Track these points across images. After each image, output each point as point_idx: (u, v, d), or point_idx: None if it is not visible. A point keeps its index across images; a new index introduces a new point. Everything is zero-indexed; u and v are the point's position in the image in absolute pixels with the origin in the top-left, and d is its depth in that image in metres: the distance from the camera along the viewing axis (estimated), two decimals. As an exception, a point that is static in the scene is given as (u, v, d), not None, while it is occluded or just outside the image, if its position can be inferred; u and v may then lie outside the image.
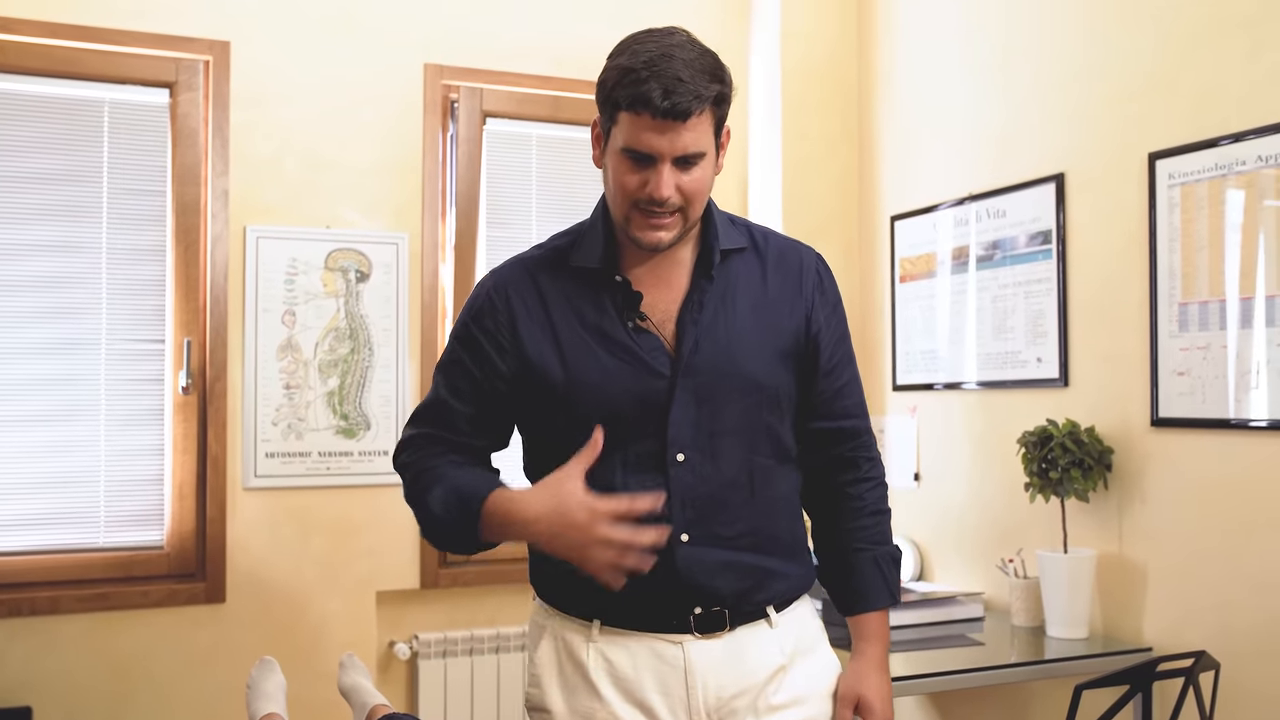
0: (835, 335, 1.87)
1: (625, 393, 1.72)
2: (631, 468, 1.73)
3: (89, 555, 3.31)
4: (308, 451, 3.49)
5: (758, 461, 1.78)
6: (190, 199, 3.43)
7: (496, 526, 1.70)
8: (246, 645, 3.39)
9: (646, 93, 1.60)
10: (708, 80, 1.64)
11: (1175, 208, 2.87)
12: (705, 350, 1.74)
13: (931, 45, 3.71)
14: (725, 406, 1.75)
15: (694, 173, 1.67)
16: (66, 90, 3.34)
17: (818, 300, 1.84)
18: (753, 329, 1.78)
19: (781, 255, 1.85)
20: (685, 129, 1.63)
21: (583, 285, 1.77)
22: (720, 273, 1.79)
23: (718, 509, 1.75)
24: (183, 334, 3.41)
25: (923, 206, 3.71)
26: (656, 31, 1.70)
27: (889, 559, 1.89)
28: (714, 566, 1.74)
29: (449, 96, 3.74)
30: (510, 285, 1.80)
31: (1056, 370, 3.19)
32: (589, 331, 1.74)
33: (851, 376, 1.90)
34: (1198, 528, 2.80)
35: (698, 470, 1.74)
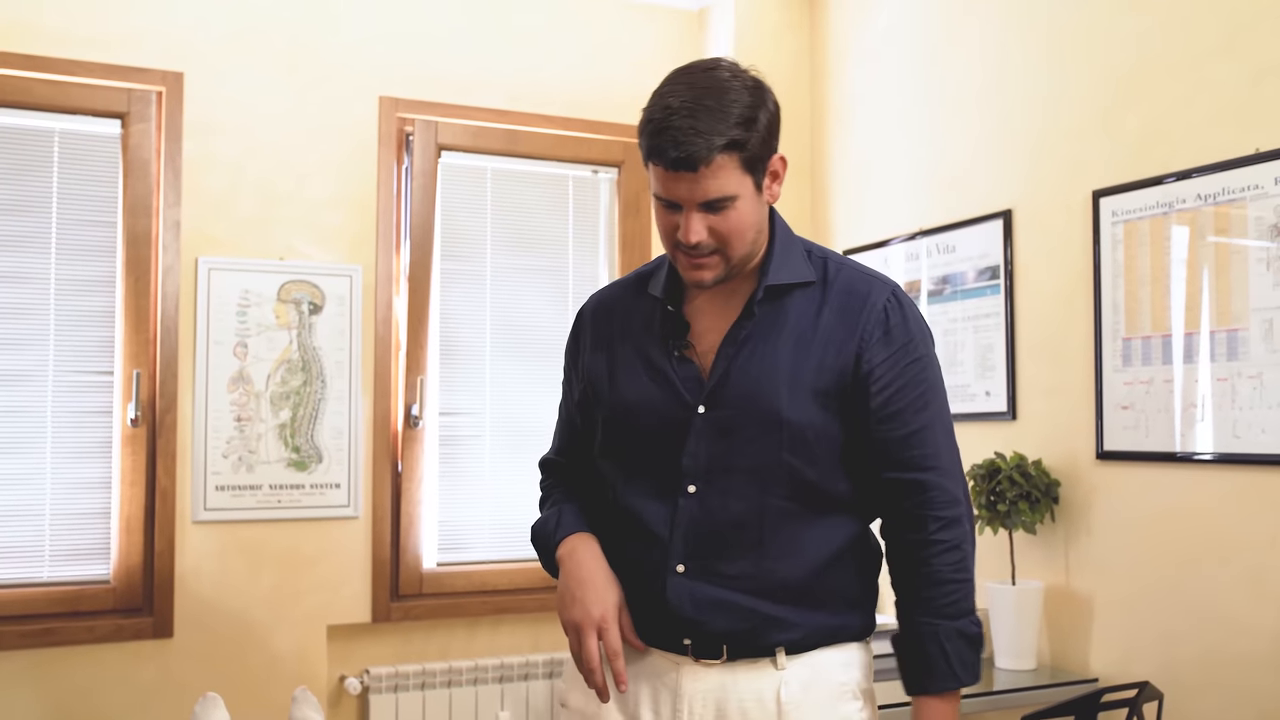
0: (898, 378, 1.71)
1: (655, 416, 1.74)
2: (646, 492, 1.75)
3: (32, 590, 3.26)
4: (259, 484, 3.47)
5: (772, 503, 1.69)
6: (141, 230, 3.41)
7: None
8: (194, 681, 3.35)
9: (659, 145, 1.61)
10: (724, 126, 1.60)
11: (1119, 244, 2.92)
12: (734, 383, 1.70)
13: (883, 83, 3.77)
14: (745, 442, 1.69)
15: (727, 215, 1.65)
16: (16, 120, 3.32)
17: (876, 338, 1.70)
18: (790, 365, 1.70)
19: (848, 291, 1.74)
20: (702, 177, 1.61)
21: (648, 312, 1.81)
22: (771, 307, 1.73)
23: (720, 546, 1.70)
24: (132, 366, 3.38)
25: (875, 241, 3.75)
26: (694, 68, 1.69)
27: (958, 635, 1.68)
28: (705, 602, 1.69)
29: (404, 129, 3.75)
30: (590, 311, 1.92)
31: (1005, 404, 3.23)
32: (639, 357, 1.79)
33: (924, 425, 1.71)
34: (1143, 560, 2.84)
35: (706, 504, 1.70)
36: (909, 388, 1.71)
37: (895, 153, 3.70)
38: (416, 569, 3.67)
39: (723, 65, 1.69)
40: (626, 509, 1.77)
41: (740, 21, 4.01)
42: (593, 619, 1.70)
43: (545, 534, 1.85)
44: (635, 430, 1.76)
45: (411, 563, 3.66)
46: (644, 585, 1.73)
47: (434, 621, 3.69)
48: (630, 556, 1.76)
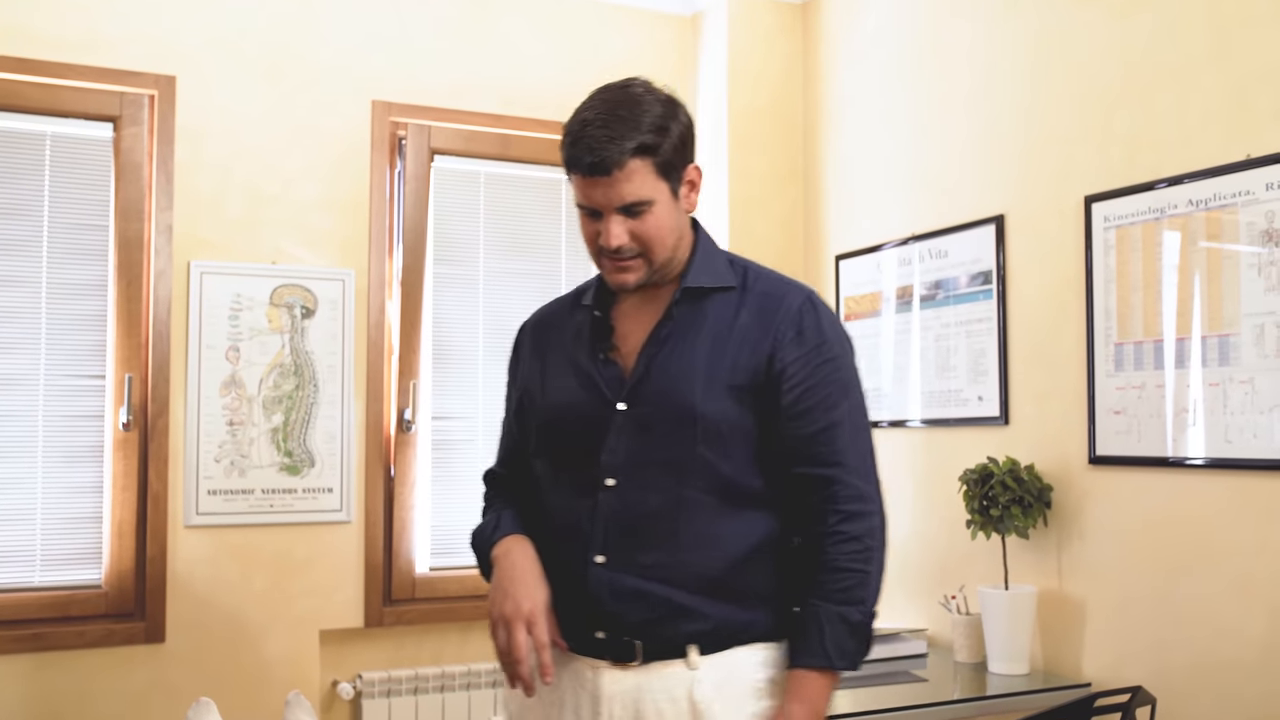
0: (809, 377, 1.78)
1: (579, 416, 1.83)
2: (575, 490, 1.83)
3: (24, 595, 3.25)
4: (251, 489, 3.46)
5: (688, 495, 1.75)
6: (133, 234, 3.41)
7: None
8: (186, 686, 3.34)
9: (575, 154, 1.73)
10: (635, 132, 1.71)
11: (1111, 250, 2.93)
12: (653, 380, 1.79)
13: (876, 88, 3.78)
14: (662, 437, 1.77)
15: (645, 219, 1.75)
16: (7, 123, 3.31)
17: (789, 338, 1.78)
18: (706, 363, 1.78)
19: (765, 295, 1.83)
20: (617, 181, 1.71)
21: (580, 322, 1.91)
22: (690, 309, 1.82)
23: (638, 536, 1.76)
24: (124, 370, 3.37)
25: (867, 246, 3.76)
26: (612, 87, 1.80)
27: (839, 619, 1.73)
28: (622, 591, 1.75)
29: (397, 133, 3.75)
30: (530, 327, 2.04)
31: (997, 409, 3.24)
32: (568, 362, 1.89)
33: (833, 423, 1.77)
34: (1135, 564, 2.85)
35: (625, 496, 1.77)
36: (819, 387, 1.78)
37: (887, 157, 3.71)
38: (409, 573, 3.66)
39: (636, 82, 1.80)
40: (552, 506, 1.87)
41: (733, 26, 4.02)
42: (522, 613, 1.76)
43: (483, 538, 1.93)
44: (562, 430, 1.87)
45: (404, 567, 3.66)
46: (567, 579, 1.80)
47: (427, 626, 3.68)
48: (555, 552, 1.84)
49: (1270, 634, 2.56)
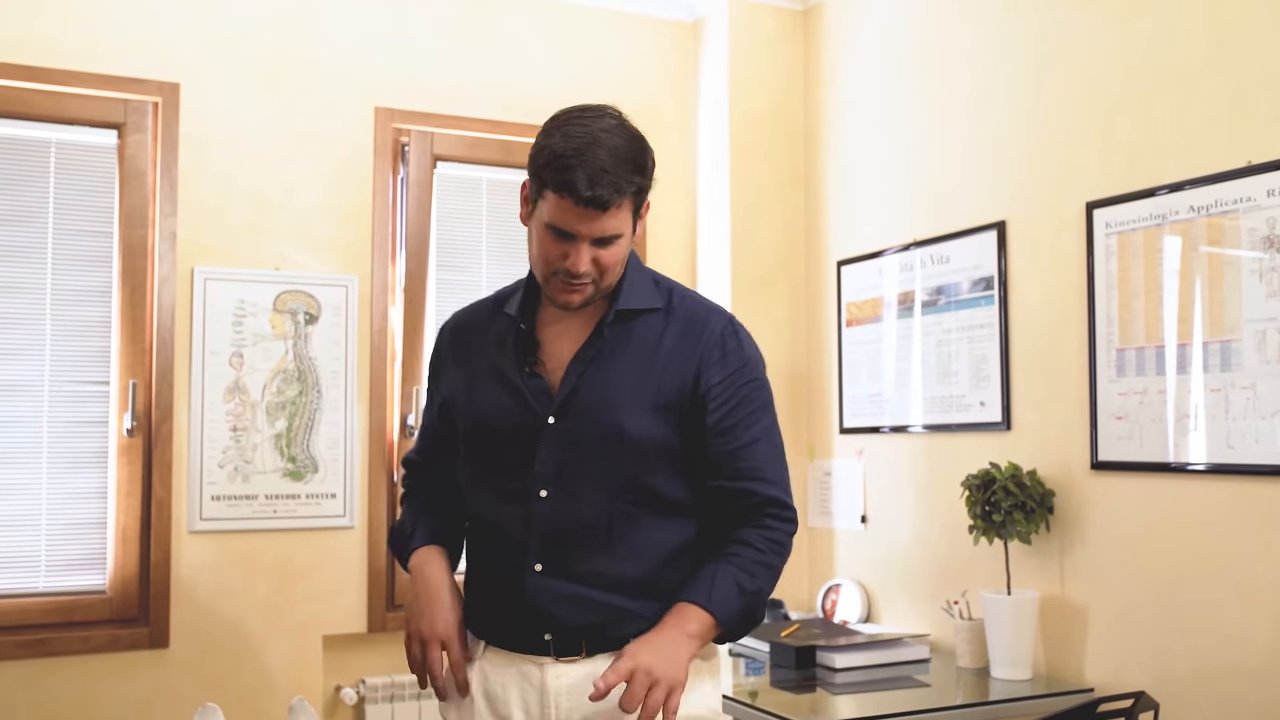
0: (733, 397, 1.88)
1: (508, 427, 1.89)
2: (503, 498, 1.90)
3: (28, 600, 3.26)
4: (254, 494, 3.47)
5: (618, 507, 1.85)
6: (137, 240, 3.42)
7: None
8: (190, 691, 3.35)
9: (572, 181, 1.74)
10: (630, 172, 1.76)
11: (1112, 255, 2.94)
12: (582, 398, 1.86)
13: (877, 94, 3.79)
14: (591, 451, 1.85)
15: (611, 249, 1.81)
16: (12, 130, 3.32)
17: (713, 359, 1.88)
18: (632, 382, 1.86)
19: (689, 318, 1.92)
20: (606, 216, 1.76)
21: (503, 331, 1.96)
22: (619, 330, 1.89)
23: (573, 546, 1.85)
24: (128, 376, 3.38)
25: (868, 252, 3.77)
26: (588, 112, 1.81)
27: (734, 581, 1.83)
28: (562, 598, 1.84)
29: (400, 140, 3.76)
30: (450, 330, 2.08)
31: (999, 414, 3.25)
32: (494, 371, 1.94)
33: (752, 440, 1.90)
34: (1138, 569, 2.86)
35: (557, 507, 1.86)
36: (742, 406, 1.89)
37: (889, 163, 3.72)
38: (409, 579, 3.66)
39: (609, 112, 1.83)
40: (486, 515, 1.94)
41: (734, 32, 4.03)
42: (437, 634, 1.89)
43: (401, 539, 2.06)
44: (490, 440, 1.93)
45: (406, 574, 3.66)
46: (507, 586, 1.89)
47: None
48: (492, 560, 1.93)
49: (1273, 639, 2.57)
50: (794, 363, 4.05)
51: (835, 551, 3.88)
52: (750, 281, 4.00)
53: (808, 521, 3.99)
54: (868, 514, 3.73)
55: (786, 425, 3.97)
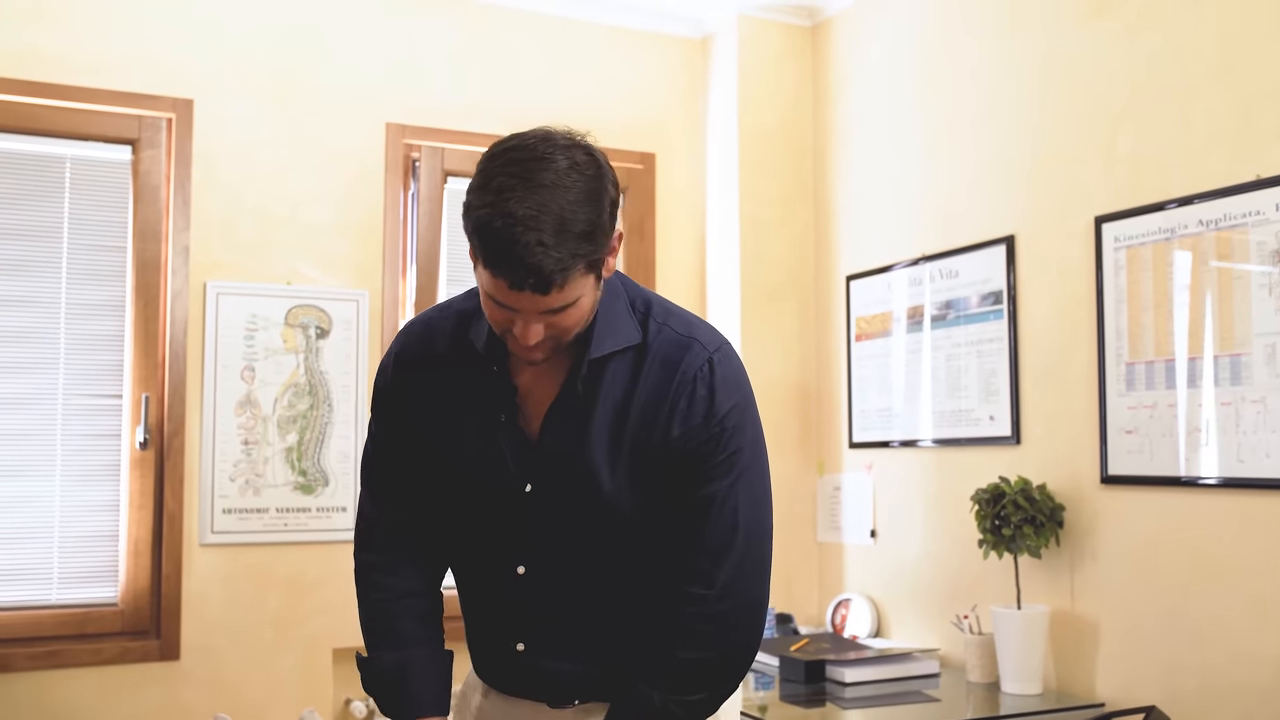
0: (695, 451, 1.65)
1: (482, 491, 1.72)
2: (477, 568, 1.78)
3: (40, 612, 3.27)
4: (265, 507, 3.48)
5: (600, 578, 1.70)
6: (151, 255, 3.44)
7: None
8: (201, 704, 3.35)
9: (502, 262, 1.46)
10: (579, 241, 1.47)
11: (1121, 269, 2.94)
12: (559, 461, 1.67)
13: (886, 109, 3.80)
14: (571, 521, 1.68)
15: (569, 315, 1.55)
16: (28, 146, 3.35)
17: (680, 408, 1.64)
18: (607, 440, 1.65)
19: (665, 358, 1.66)
20: (551, 294, 1.49)
21: (471, 364, 1.71)
22: (593, 377, 1.66)
23: (555, 625, 1.73)
24: (141, 389, 3.40)
25: (878, 267, 3.78)
26: (531, 152, 1.49)
27: (642, 706, 1.64)
28: (547, 674, 1.74)
29: (410, 155, 3.78)
30: (407, 364, 1.78)
31: (1009, 428, 3.25)
32: (464, 421, 1.72)
33: (707, 499, 1.65)
34: (1148, 584, 2.85)
35: (536, 586, 1.71)
36: (703, 460, 1.66)
37: (898, 179, 3.73)
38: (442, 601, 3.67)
39: (558, 150, 1.50)
40: (466, 584, 1.82)
41: (743, 49, 4.05)
42: None
43: (390, 694, 1.77)
44: (462, 502, 1.75)
45: (417, 586, 3.66)
46: (493, 650, 1.80)
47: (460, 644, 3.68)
48: (476, 621, 1.82)
49: (1283, 653, 2.56)
50: (803, 378, 4.05)
51: (845, 566, 3.88)
52: (759, 297, 4.01)
53: (817, 536, 3.99)
54: (877, 528, 3.73)
55: (796, 440, 4.01)
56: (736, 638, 1.67)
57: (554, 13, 3.98)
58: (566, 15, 4.00)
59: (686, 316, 1.73)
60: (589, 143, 1.56)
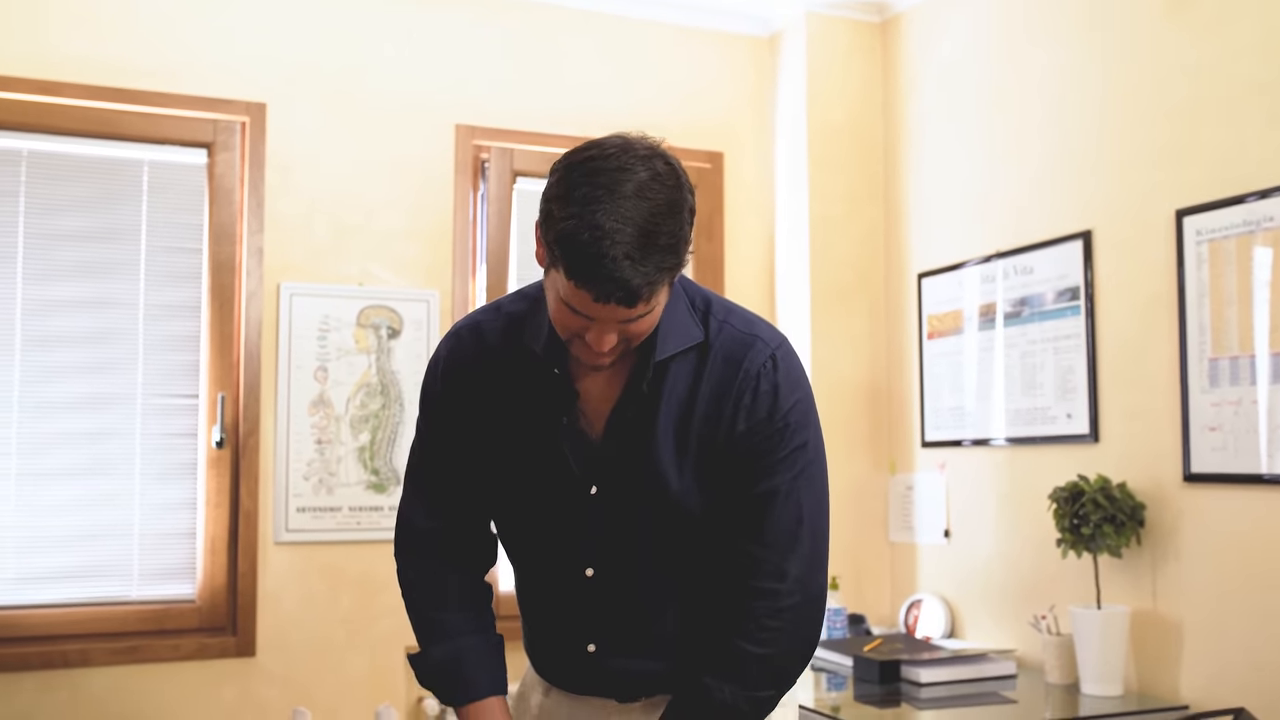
0: (755, 447, 1.64)
1: (546, 496, 1.71)
2: (545, 572, 1.77)
3: (121, 608, 3.33)
4: (338, 506, 3.51)
5: (669, 578, 1.70)
6: (226, 257, 3.49)
7: None
8: (276, 700, 3.39)
9: (592, 276, 1.44)
10: (665, 254, 1.46)
11: (1204, 263, 2.88)
12: (625, 463, 1.66)
13: (957, 104, 3.76)
14: (638, 522, 1.67)
15: (644, 322, 1.54)
16: (107, 151, 3.41)
17: (743, 404, 1.64)
18: (674, 442, 1.65)
19: (728, 355, 1.66)
20: (636, 307, 1.49)
21: (527, 367, 1.70)
22: (657, 378, 1.65)
23: (625, 625, 1.72)
24: (217, 389, 3.45)
25: (949, 264, 3.74)
26: (613, 160, 1.47)
27: (710, 700, 1.64)
28: (618, 673, 1.74)
29: (480, 156, 3.81)
30: (458, 368, 1.76)
31: (1086, 426, 3.20)
32: (523, 425, 1.70)
33: (768, 493, 1.64)
34: (1233, 583, 2.79)
35: (605, 588, 1.71)
36: (764, 456, 1.65)
37: (969, 174, 3.69)
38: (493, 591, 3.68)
39: (639, 160, 1.48)
40: (530, 583, 1.81)
41: (811, 46, 4.02)
42: None
43: (448, 684, 1.79)
44: (526, 508, 1.74)
45: (488, 585, 3.68)
46: (561, 653, 1.79)
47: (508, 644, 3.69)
48: (543, 624, 1.82)
49: (1377, 655, 2.49)
50: (874, 377, 4.02)
51: (917, 566, 3.83)
52: (830, 296, 3.98)
53: (889, 536, 3.95)
54: (950, 528, 3.69)
55: (867, 440, 3.98)
56: (805, 631, 1.68)
57: (621, 13, 3.98)
58: (634, 15, 4.00)
59: (746, 314, 1.73)
60: (665, 150, 1.54)
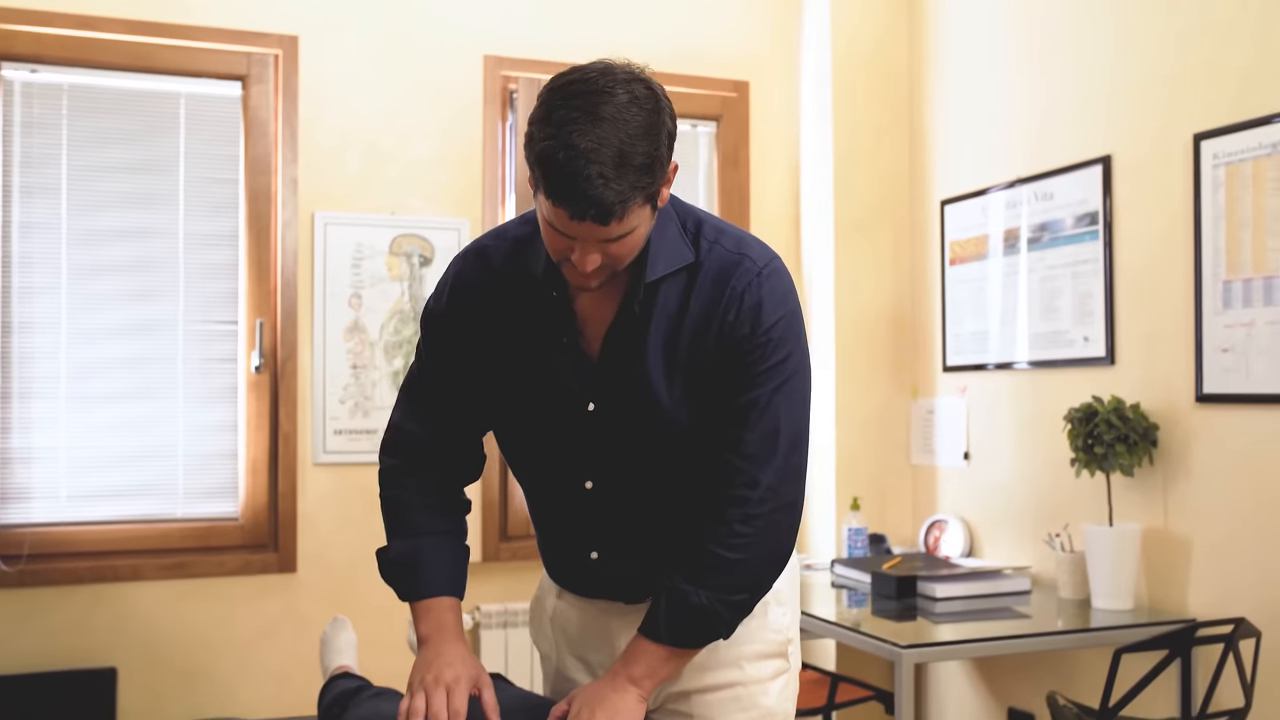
0: (740, 360, 1.69)
1: (547, 413, 1.76)
2: (548, 485, 1.84)
3: (168, 525, 3.48)
4: (374, 429, 3.63)
5: (664, 490, 1.76)
6: (261, 187, 3.58)
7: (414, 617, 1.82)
8: (317, 614, 3.54)
9: (564, 193, 1.50)
10: (638, 174, 1.52)
11: (1220, 187, 2.91)
12: (619, 380, 1.72)
13: (978, 31, 3.77)
14: (634, 436, 1.73)
15: (626, 243, 1.59)
16: (145, 84, 3.50)
17: (729, 319, 1.68)
18: (663, 356, 1.70)
19: (717, 274, 1.70)
20: (611, 225, 1.54)
21: (530, 290, 1.75)
22: (648, 298, 1.70)
23: (628, 532, 1.80)
24: (255, 316, 3.56)
25: (972, 190, 3.77)
26: (592, 85, 1.52)
27: (677, 600, 1.69)
28: (622, 576, 1.82)
29: (508, 87, 3.86)
30: (465, 291, 1.80)
31: (1103, 349, 3.25)
32: (525, 345, 1.76)
33: (748, 404, 1.69)
34: (1242, 501, 2.85)
35: (604, 498, 1.78)
36: (749, 367, 1.69)
37: (992, 101, 3.71)
38: (524, 510, 3.80)
39: (618, 84, 1.53)
40: (535, 495, 1.88)
41: (837, -26, 4.04)
42: (422, 691, 1.68)
43: (403, 577, 1.80)
44: (528, 424, 1.79)
45: (519, 505, 3.80)
46: (567, 560, 1.87)
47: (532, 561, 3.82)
48: (550, 532, 1.89)
49: (1379, 568, 2.56)
50: (898, 303, 4.07)
51: (938, 488, 3.92)
52: (853, 224, 4.03)
53: (911, 459, 4.04)
54: (970, 450, 3.76)
55: (890, 365, 4.04)
56: (775, 539, 1.73)
57: (647, -58, 4.01)
58: (659, -56, 4.02)
59: (737, 234, 1.77)
60: (648, 76, 1.58)
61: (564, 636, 1.93)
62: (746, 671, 1.81)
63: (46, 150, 3.40)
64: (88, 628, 3.37)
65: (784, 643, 1.86)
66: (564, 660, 1.93)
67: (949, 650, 2.91)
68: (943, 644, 2.88)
